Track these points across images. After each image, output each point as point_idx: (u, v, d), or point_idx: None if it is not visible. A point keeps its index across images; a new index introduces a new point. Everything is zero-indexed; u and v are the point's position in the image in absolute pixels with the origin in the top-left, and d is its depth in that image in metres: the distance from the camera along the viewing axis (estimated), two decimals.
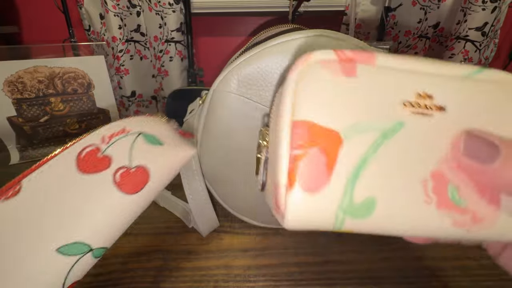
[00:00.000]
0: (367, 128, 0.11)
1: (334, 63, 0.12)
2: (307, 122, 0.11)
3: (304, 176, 0.11)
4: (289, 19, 0.71)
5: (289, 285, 0.27)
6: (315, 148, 0.11)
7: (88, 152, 0.16)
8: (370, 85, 0.12)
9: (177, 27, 0.73)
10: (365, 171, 0.11)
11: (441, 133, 0.12)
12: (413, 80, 0.12)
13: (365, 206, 0.11)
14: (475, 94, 0.12)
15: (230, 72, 0.25)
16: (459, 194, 0.12)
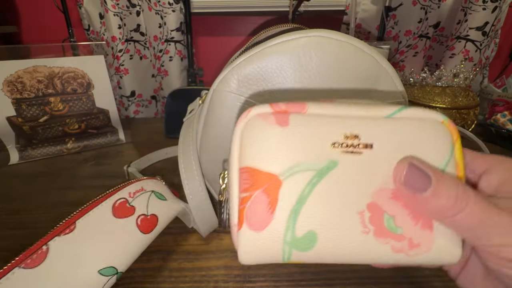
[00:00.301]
0: (303, 168, 0.13)
1: (269, 115, 0.13)
2: (250, 168, 0.13)
3: (250, 216, 0.13)
4: (289, 19, 0.71)
5: (289, 285, 0.27)
6: (258, 190, 0.13)
7: (120, 203, 0.23)
8: (302, 131, 0.13)
9: (177, 26, 0.72)
10: (304, 207, 0.13)
11: (372, 167, 0.13)
12: (340, 123, 0.13)
13: (307, 239, 0.13)
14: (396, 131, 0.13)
15: (230, 72, 0.24)
16: (395, 223, 0.13)
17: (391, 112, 0.14)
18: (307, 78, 0.23)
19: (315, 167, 0.13)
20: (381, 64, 0.24)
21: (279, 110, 0.14)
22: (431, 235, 0.13)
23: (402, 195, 0.13)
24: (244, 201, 0.13)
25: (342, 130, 0.13)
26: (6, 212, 0.36)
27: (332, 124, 0.13)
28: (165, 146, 0.51)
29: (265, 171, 0.13)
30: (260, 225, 0.13)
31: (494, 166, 0.14)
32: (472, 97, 0.58)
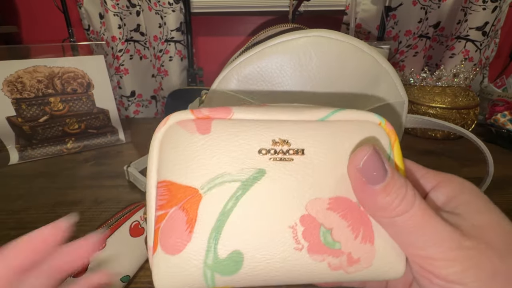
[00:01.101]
0: (226, 180, 0.11)
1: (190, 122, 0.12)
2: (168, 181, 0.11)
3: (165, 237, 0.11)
4: (289, 19, 0.71)
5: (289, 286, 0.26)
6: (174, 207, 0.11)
7: (134, 225, 0.28)
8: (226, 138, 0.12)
9: (177, 26, 0.72)
10: (227, 224, 0.11)
11: (304, 175, 0.12)
12: (269, 128, 0.12)
13: (232, 260, 0.11)
14: (330, 135, 0.12)
15: (230, 72, 0.24)
16: (332, 236, 0.12)
17: (325, 115, 0.13)
18: (307, 78, 0.23)
19: (240, 178, 0.11)
20: (381, 64, 0.24)
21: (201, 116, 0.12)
22: (372, 249, 0.12)
23: (341, 205, 0.12)
24: (159, 220, 0.11)
25: (270, 136, 0.12)
26: (6, 212, 0.36)
27: (259, 129, 0.12)
28: None
29: (184, 184, 0.11)
30: (176, 248, 0.11)
31: (443, 183, 0.14)
32: (472, 97, 0.58)
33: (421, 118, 0.32)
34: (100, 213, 0.36)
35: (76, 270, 0.22)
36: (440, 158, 0.52)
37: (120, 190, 0.41)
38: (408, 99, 0.27)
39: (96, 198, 0.39)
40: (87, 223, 0.34)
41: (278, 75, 0.23)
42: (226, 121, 0.12)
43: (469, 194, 0.13)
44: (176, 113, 0.12)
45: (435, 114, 0.58)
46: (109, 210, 0.37)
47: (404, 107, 0.27)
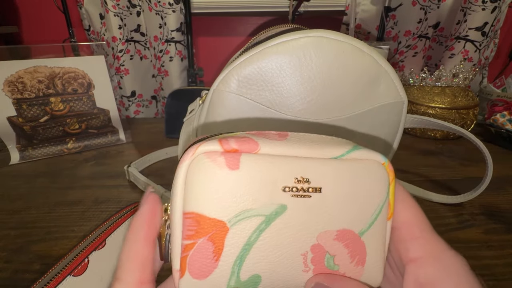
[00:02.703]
0: (252, 214, 0.12)
1: (219, 156, 0.12)
2: (195, 213, 0.12)
3: (193, 264, 0.12)
4: (289, 19, 0.71)
5: None
6: (203, 238, 0.12)
7: None
8: (253, 175, 0.12)
9: (177, 27, 0.73)
10: (250, 253, 0.12)
11: (319, 210, 0.13)
12: (291, 166, 0.13)
13: (251, 281, 0.13)
14: (342, 173, 0.13)
15: (230, 72, 0.25)
16: (334, 261, 0.14)
17: (341, 154, 0.14)
18: (307, 79, 0.23)
19: (264, 213, 0.12)
20: (380, 65, 0.24)
21: (229, 149, 0.12)
22: (361, 270, 0.14)
23: (345, 236, 0.14)
24: (187, 249, 0.12)
25: (293, 173, 0.13)
26: (7, 212, 0.37)
27: (283, 166, 0.13)
28: (165, 146, 0.52)
29: (212, 217, 0.12)
30: (203, 274, 0.12)
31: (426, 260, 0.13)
32: (471, 97, 0.59)
33: (421, 118, 0.32)
34: (101, 213, 0.36)
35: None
36: (439, 158, 0.52)
37: (121, 190, 0.41)
38: (407, 99, 0.27)
39: (96, 198, 0.39)
40: (87, 223, 0.34)
41: (278, 75, 0.23)
42: (253, 155, 0.13)
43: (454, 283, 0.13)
44: (203, 144, 0.12)
45: (434, 114, 0.58)
46: (110, 210, 0.37)
47: (404, 107, 0.27)
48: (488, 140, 0.58)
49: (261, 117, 0.25)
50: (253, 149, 0.13)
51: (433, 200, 0.38)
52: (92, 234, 0.27)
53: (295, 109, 0.24)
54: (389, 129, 0.28)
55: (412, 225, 0.14)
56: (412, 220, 0.15)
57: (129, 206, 0.31)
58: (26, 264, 0.28)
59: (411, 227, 0.14)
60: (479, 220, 0.34)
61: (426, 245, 0.14)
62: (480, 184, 0.34)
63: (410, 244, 0.14)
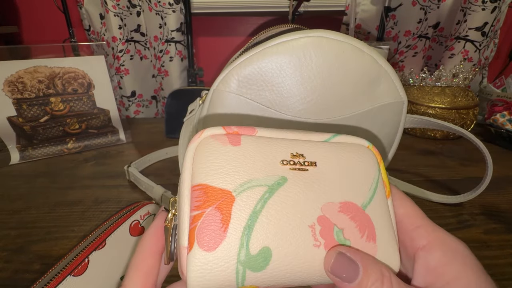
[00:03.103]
0: (255, 185, 0.13)
1: (222, 136, 0.14)
2: (203, 185, 0.13)
3: (201, 235, 0.12)
4: (289, 19, 0.71)
5: None
6: (210, 207, 0.12)
7: (134, 224, 0.28)
8: (253, 150, 0.14)
9: (177, 27, 0.73)
10: (257, 222, 0.13)
11: (318, 183, 0.14)
12: (286, 145, 0.15)
13: (261, 256, 0.12)
14: (334, 153, 0.15)
15: (230, 72, 0.25)
16: (344, 235, 0.14)
17: (327, 138, 0.16)
18: (307, 79, 0.23)
19: (266, 183, 0.13)
20: (380, 65, 0.24)
21: (231, 132, 0.14)
22: (374, 247, 0.14)
23: (350, 209, 0.14)
24: (196, 220, 0.12)
25: (289, 150, 0.14)
26: (7, 212, 0.37)
27: (280, 145, 0.14)
28: (165, 146, 0.52)
29: (219, 187, 0.13)
30: (212, 245, 0.12)
31: (435, 244, 0.14)
32: (471, 97, 0.59)
33: (421, 118, 0.32)
34: (101, 213, 0.36)
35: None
36: (439, 158, 0.52)
37: (121, 190, 0.41)
38: (407, 99, 0.27)
39: (96, 198, 0.39)
40: (87, 223, 0.34)
41: (278, 75, 0.23)
42: (252, 137, 0.15)
43: (461, 264, 0.13)
44: (209, 128, 0.14)
45: (434, 114, 0.58)
46: (110, 210, 0.37)
47: (404, 107, 0.27)
48: (488, 140, 0.58)
49: (261, 117, 0.25)
50: (251, 132, 0.15)
51: (433, 200, 0.38)
52: (92, 234, 0.27)
53: (295, 109, 0.24)
54: (389, 129, 0.28)
55: (412, 216, 0.15)
56: (410, 212, 0.15)
57: (129, 206, 0.31)
58: (26, 264, 0.28)
59: (411, 218, 0.15)
60: (479, 220, 0.34)
61: (429, 232, 0.14)
62: (480, 184, 0.34)
63: (414, 233, 0.15)
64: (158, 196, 0.36)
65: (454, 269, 0.13)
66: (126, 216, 0.28)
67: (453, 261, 0.13)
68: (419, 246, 0.14)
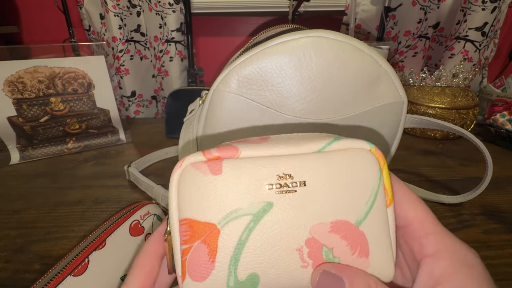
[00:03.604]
0: (239, 214, 0.13)
1: (203, 164, 0.13)
2: (188, 219, 0.13)
3: (192, 267, 0.13)
4: (289, 19, 0.71)
5: None
6: (197, 241, 0.13)
7: (134, 224, 0.28)
8: (236, 177, 0.13)
9: (177, 27, 0.73)
10: (243, 252, 0.13)
11: (307, 204, 0.13)
12: (273, 164, 0.14)
13: (249, 282, 0.13)
14: (326, 165, 0.14)
15: (230, 72, 0.25)
16: (333, 254, 0.13)
17: (321, 147, 0.14)
18: (307, 79, 0.23)
19: (251, 212, 0.13)
20: (380, 65, 0.24)
21: (211, 157, 0.14)
22: (366, 261, 0.14)
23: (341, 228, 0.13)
24: (185, 253, 0.13)
25: (275, 171, 0.13)
26: (7, 212, 0.37)
27: (265, 166, 0.13)
28: (165, 146, 0.52)
29: (203, 221, 0.13)
30: (202, 275, 0.13)
31: (443, 254, 0.14)
32: (471, 97, 0.59)
33: (421, 118, 0.32)
34: (101, 213, 0.36)
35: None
36: (439, 158, 0.52)
37: (121, 190, 0.41)
38: (407, 99, 0.27)
39: (96, 198, 0.39)
40: (87, 223, 0.34)
41: (278, 76, 0.23)
42: (235, 160, 0.14)
43: (467, 274, 0.13)
44: (189, 156, 0.14)
45: (434, 114, 0.58)
46: (110, 210, 0.37)
47: (404, 107, 0.27)
48: (488, 140, 0.58)
49: (261, 117, 0.25)
50: (234, 155, 0.14)
51: (433, 200, 0.38)
52: (92, 234, 0.27)
53: (295, 109, 0.24)
54: (389, 129, 0.28)
55: (424, 221, 0.14)
56: (422, 216, 0.15)
57: (129, 206, 0.31)
58: (26, 264, 0.28)
59: (423, 223, 0.14)
60: (478, 220, 0.34)
61: (440, 240, 0.14)
62: (480, 184, 0.34)
63: (424, 240, 0.14)
64: (158, 196, 0.36)
65: (459, 278, 0.13)
66: (126, 216, 0.28)
67: (459, 271, 0.13)
68: (427, 253, 0.14)
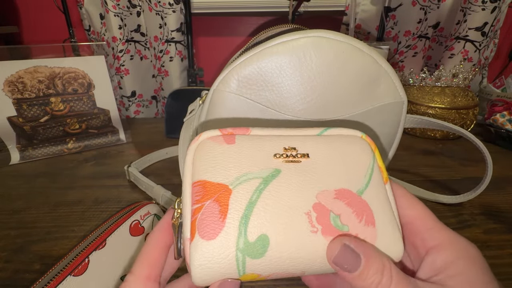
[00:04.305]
0: (250, 177, 0.14)
1: (218, 137, 0.15)
2: (202, 181, 0.14)
3: (202, 225, 0.13)
4: (289, 19, 0.71)
5: (289, 284, 0.27)
6: (209, 200, 0.13)
7: (134, 224, 0.28)
8: (247, 147, 0.15)
9: (177, 27, 0.73)
10: (254, 212, 0.13)
11: (311, 173, 0.15)
12: (279, 140, 0.16)
13: (259, 243, 0.13)
14: (326, 144, 0.16)
15: (230, 72, 0.25)
16: (341, 221, 0.14)
17: (319, 132, 0.16)
18: (307, 79, 0.23)
19: (261, 175, 0.14)
20: (380, 65, 0.24)
21: (226, 133, 0.16)
22: (374, 231, 0.14)
23: (345, 195, 0.14)
24: (196, 212, 0.13)
25: (281, 144, 0.15)
26: (7, 212, 0.37)
27: (273, 140, 0.15)
28: (165, 146, 0.52)
29: (216, 182, 0.14)
30: (212, 234, 0.13)
31: (444, 245, 0.14)
32: (471, 97, 0.59)
33: (420, 118, 0.32)
34: (101, 213, 0.36)
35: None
36: (439, 158, 0.52)
37: (121, 190, 0.41)
38: (407, 99, 0.27)
39: (96, 198, 0.39)
40: (87, 223, 0.34)
41: (278, 76, 0.23)
42: (246, 136, 0.16)
43: (467, 262, 0.13)
44: (206, 132, 0.15)
45: (434, 114, 0.58)
46: (110, 210, 0.37)
47: (404, 107, 0.27)
48: (487, 140, 0.58)
49: (261, 117, 0.25)
50: (245, 132, 0.16)
51: (432, 200, 0.38)
52: (92, 234, 0.27)
53: (295, 109, 0.24)
54: (389, 129, 0.28)
55: (424, 217, 0.15)
56: (422, 214, 0.15)
57: (129, 206, 0.31)
58: (26, 264, 0.28)
59: (424, 220, 0.15)
60: (479, 220, 0.34)
61: (441, 233, 0.15)
62: (480, 184, 0.34)
63: (426, 235, 0.15)
64: (158, 196, 0.36)
65: (460, 266, 0.13)
66: (126, 216, 0.28)
67: (460, 260, 0.13)
68: (429, 246, 0.14)
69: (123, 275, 0.25)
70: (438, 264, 0.14)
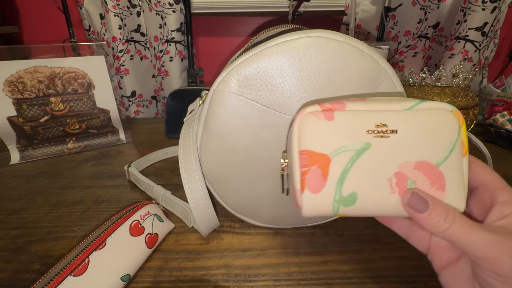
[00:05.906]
0: (346, 150, 0.18)
1: (319, 113, 0.18)
2: (308, 150, 0.18)
3: (309, 183, 0.18)
4: (289, 19, 0.71)
5: (289, 284, 0.27)
6: (314, 165, 0.18)
7: (134, 224, 0.28)
8: (344, 123, 0.18)
9: (177, 27, 0.73)
10: (348, 176, 0.17)
11: (397, 147, 0.17)
12: (372, 116, 0.18)
13: (350, 197, 0.18)
14: (414, 119, 0.18)
15: (230, 72, 0.25)
16: (416, 186, 0.17)
17: (410, 106, 0.18)
18: (307, 79, 0.23)
19: (355, 148, 0.17)
20: (380, 65, 0.24)
21: (325, 108, 0.18)
22: (443, 195, 0.17)
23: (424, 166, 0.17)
24: (305, 173, 0.18)
25: (373, 121, 0.18)
26: (7, 212, 0.37)
27: (366, 117, 0.18)
28: (165, 146, 0.52)
29: (319, 152, 0.18)
30: (316, 189, 0.17)
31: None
32: (471, 97, 0.59)
33: None
34: (101, 213, 0.36)
35: None
36: None
37: (121, 190, 0.41)
38: None
39: (96, 198, 0.39)
40: (87, 223, 0.34)
41: (278, 75, 0.23)
42: (343, 111, 0.18)
43: None
44: (308, 107, 0.18)
45: None
46: (110, 210, 0.37)
47: None
48: (488, 140, 0.58)
49: (261, 117, 0.25)
50: (342, 107, 0.18)
51: None
52: (92, 234, 0.27)
53: (295, 109, 0.24)
54: None
55: (497, 180, 0.19)
56: (495, 178, 0.19)
57: (129, 206, 0.31)
58: (26, 264, 0.28)
59: (496, 182, 0.18)
60: None
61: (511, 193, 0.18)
62: None
63: (497, 193, 0.18)
64: (158, 196, 0.36)
65: None
66: (126, 216, 0.28)
67: None
68: (499, 200, 0.17)
69: (123, 275, 0.25)
70: (505, 213, 0.17)
